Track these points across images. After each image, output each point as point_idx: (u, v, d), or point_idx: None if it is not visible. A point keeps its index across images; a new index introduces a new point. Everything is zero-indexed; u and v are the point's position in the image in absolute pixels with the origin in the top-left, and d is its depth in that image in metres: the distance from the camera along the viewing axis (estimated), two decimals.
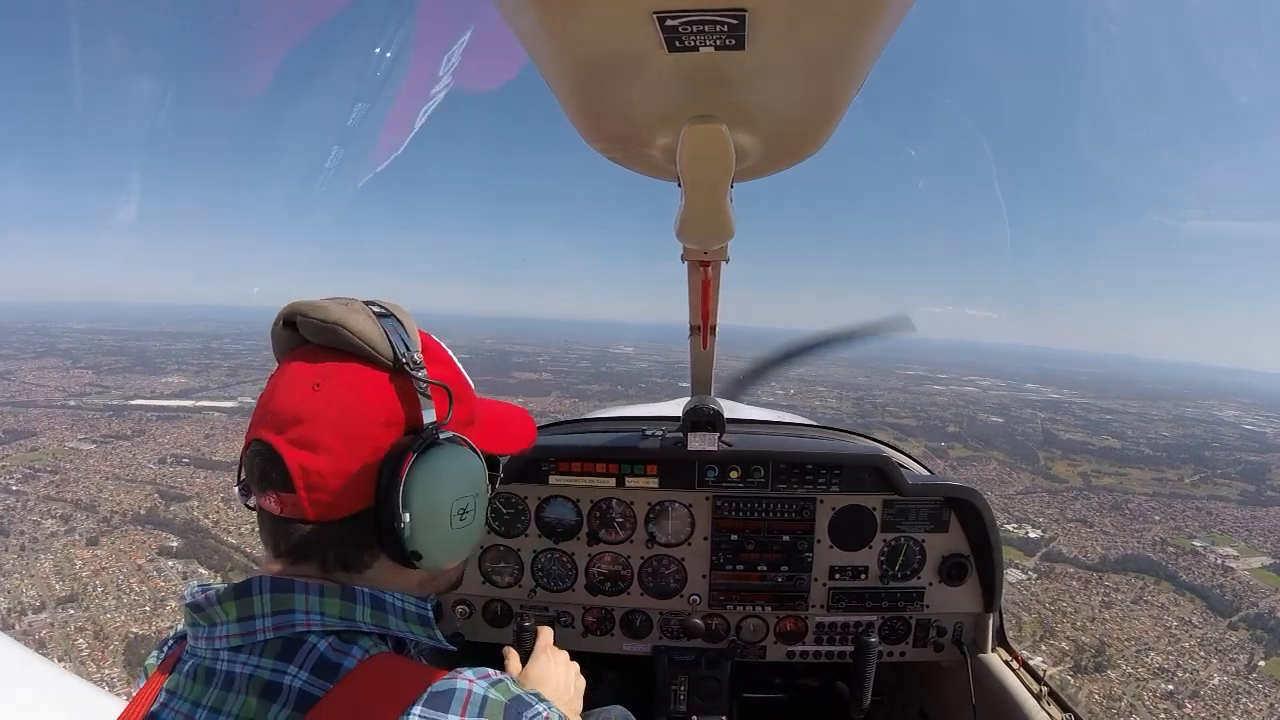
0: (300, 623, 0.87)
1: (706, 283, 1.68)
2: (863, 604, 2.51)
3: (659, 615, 2.62)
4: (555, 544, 2.59)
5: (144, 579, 25.09)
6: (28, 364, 63.33)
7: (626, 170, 1.08)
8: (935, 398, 73.96)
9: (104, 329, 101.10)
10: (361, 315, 0.93)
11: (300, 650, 0.86)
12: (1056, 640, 24.81)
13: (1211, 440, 57.38)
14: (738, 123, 0.84)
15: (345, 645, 0.87)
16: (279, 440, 0.88)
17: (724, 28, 0.59)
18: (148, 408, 49.19)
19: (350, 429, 0.89)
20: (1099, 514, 38.18)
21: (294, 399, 0.89)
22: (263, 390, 0.95)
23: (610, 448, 2.53)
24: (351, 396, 0.90)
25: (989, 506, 2.43)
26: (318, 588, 0.89)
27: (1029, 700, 2.23)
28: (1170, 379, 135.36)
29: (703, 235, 1.28)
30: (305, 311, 0.93)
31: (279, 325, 0.98)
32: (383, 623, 0.93)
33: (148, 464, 36.96)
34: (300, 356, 0.94)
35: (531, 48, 0.72)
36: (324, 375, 0.90)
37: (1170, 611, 27.67)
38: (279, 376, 0.93)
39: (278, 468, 0.87)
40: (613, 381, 70.96)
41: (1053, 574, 30.41)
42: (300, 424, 0.88)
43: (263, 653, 0.86)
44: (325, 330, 0.91)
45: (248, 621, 0.87)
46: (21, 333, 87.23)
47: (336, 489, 0.88)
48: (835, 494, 2.47)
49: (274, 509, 0.90)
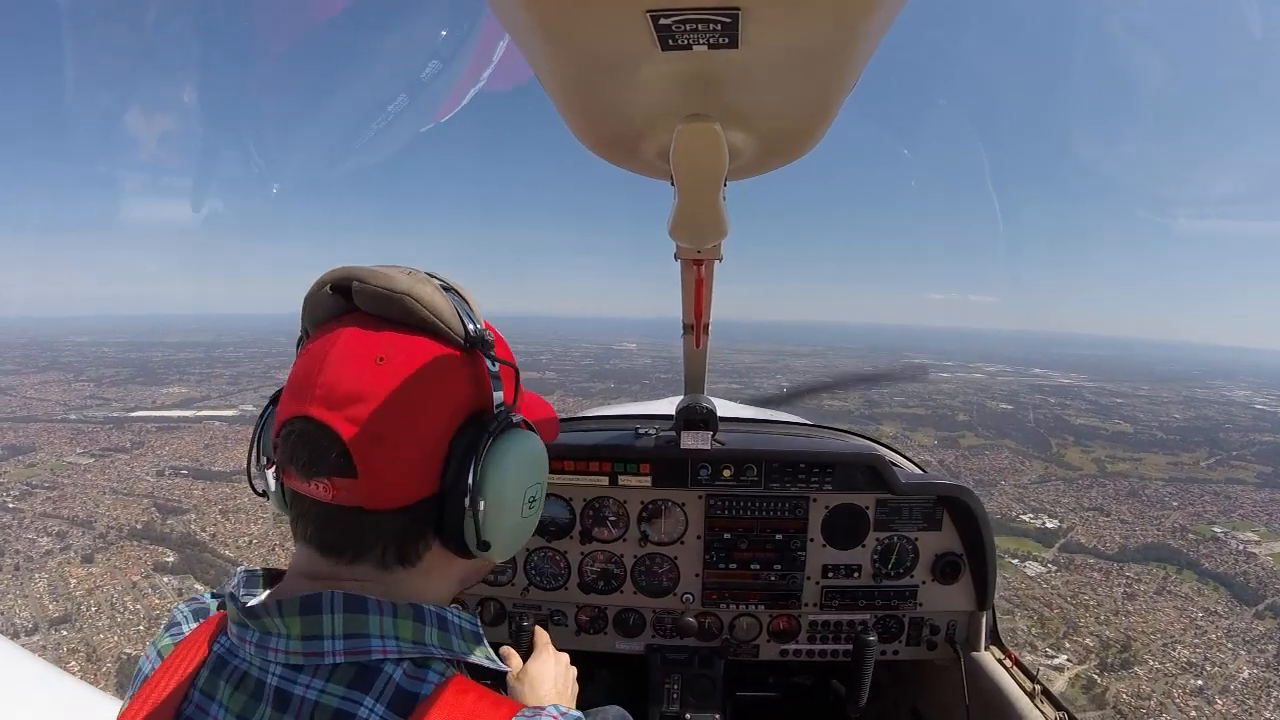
0: (376, 649, 0.78)
1: (700, 281, 1.67)
2: (856, 603, 2.52)
3: (652, 614, 2.61)
4: (548, 542, 2.57)
5: (138, 597, 24.71)
6: (30, 378, 63.65)
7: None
8: (942, 385, 73.48)
9: (108, 341, 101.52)
10: (429, 287, 0.83)
11: (378, 680, 0.77)
12: (1081, 636, 24.15)
13: (1225, 422, 57.35)
14: (731, 121, 0.83)
15: (420, 671, 0.80)
16: (335, 418, 0.77)
17: (717, 26, 0.59)
18: (148, 419, 48.99)
19: (418, 408, 0.80)
20: (1116, 501, 37.60)
21: (353, 373, 0.78)
22: (299, 360, 0.83)
23: (603, 446, 2.53)
24: (420, 373, 0.81)
25: (982, 505, 2.42)
26: (390, 608, 0.81)
27: (1022, 699, 2.24)
28: (1176, 360, 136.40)
29: (696, 234, 1.26)
30: (364, 278, 0.82)
31: (322, 290, 0.85)
32: (447, 644, 0.85)
33: (146, 476, 36.61)
34: (355, 325, 0.82)
35: (524, 47, 0.72)
36: (388, 348, 0.80)
37: (1194, 602, 27.07)
38: (329, 346, 0.81)
39: (336, 449, 0.77)
40: (617, 379, 70.69)
41: (1072, 566, 29.78)
42: (362, 401, 0.77)
43: (330, 677, 0.77)
44: (391, 300, 0.81)
45: (314, 641, 0.77)
46: (24, 347, 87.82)
47: (402, 474, 0.80)
48: (828, 493, 2.47)
49: (323, 496, 0.79)
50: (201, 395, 58.76)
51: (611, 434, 2.66)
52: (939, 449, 46.79)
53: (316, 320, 0.87)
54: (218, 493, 33.51)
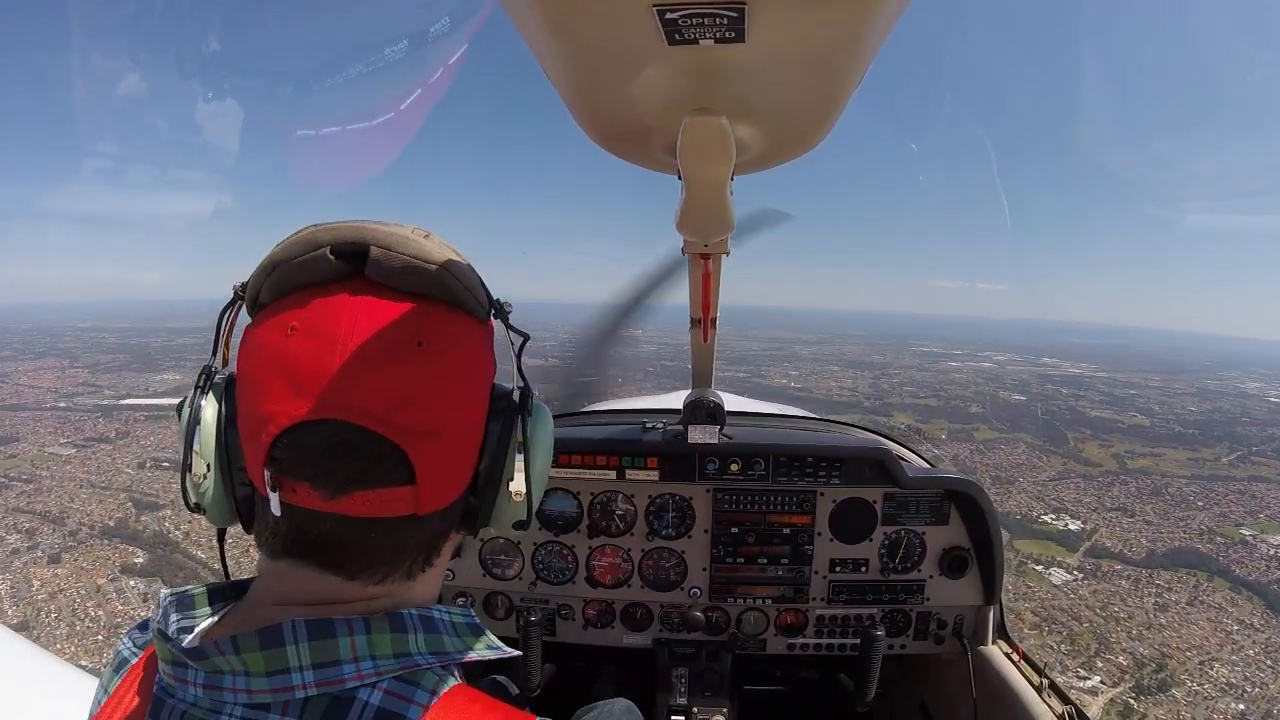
0: (350, 674, 0.67)
1: (707, 275, 1.68)
2: (863, 597, 2.53)
3: (659, 608, 2.62)
4: (556, 536, 2.59)
5: (101, 602, 23.42)
6: (25, 365, 62.81)
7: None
8: (953, 375, 72.72)
9: (109, 326, 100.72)
10: (454, 253, 0.74)
11: (351, 710, 0.66)
12: (1114, 654, 22.53)
13: (1241, 415, 56.86)
14: (738, 115, 0.82)
15: (406, 689, 0.69)
16: (380, 420, 0.65)
17: (724, 20, 0.59)
18: (137, 407, 47.63)
19: (464, 395, 0.73)
20: (1139, 501, 36.12)
21: (391, 363, 0.66)
22: (294, 341, 0.67)
23: (611, 440, 2.56)
24: (460, 356, 0.72)
25: (989, 499, 2.43)
26: (362, 624, 0.69)
27: (1029, 692, 2.21)
28: (1184, 349, 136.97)
29: (703, 228, 1.28)
30: (388, 243, 0.69)
31: (322, 255, 0.69)
32: (439, 647, 0.73)
33: (126, 469, 35.31)
34: (371, 296, 0.69)
35: (531, 41, 0.73)
36: (423, 328, 0.69)
37: (1228, 613, 25.50)
38: (344, 328, 0.66)
39: (389, 457, 0.66)
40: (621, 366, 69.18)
41: (1099, 573, 28.27)
42: (410, 402, 0.66)
43: (301, 714, 0.66)
44: (420, 273, 0.70)
45: (282, 676, 0.66)
46: (24, 333, 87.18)
47: (455, 471, 0.73)
48: (835, 487, 2.48)
49: (362, 511, 0.67)
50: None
51: (619, 428, 2.71)
52: (952, 442, 45.57)
53: (298, 285, 0.70)
54: None
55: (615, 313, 3.36)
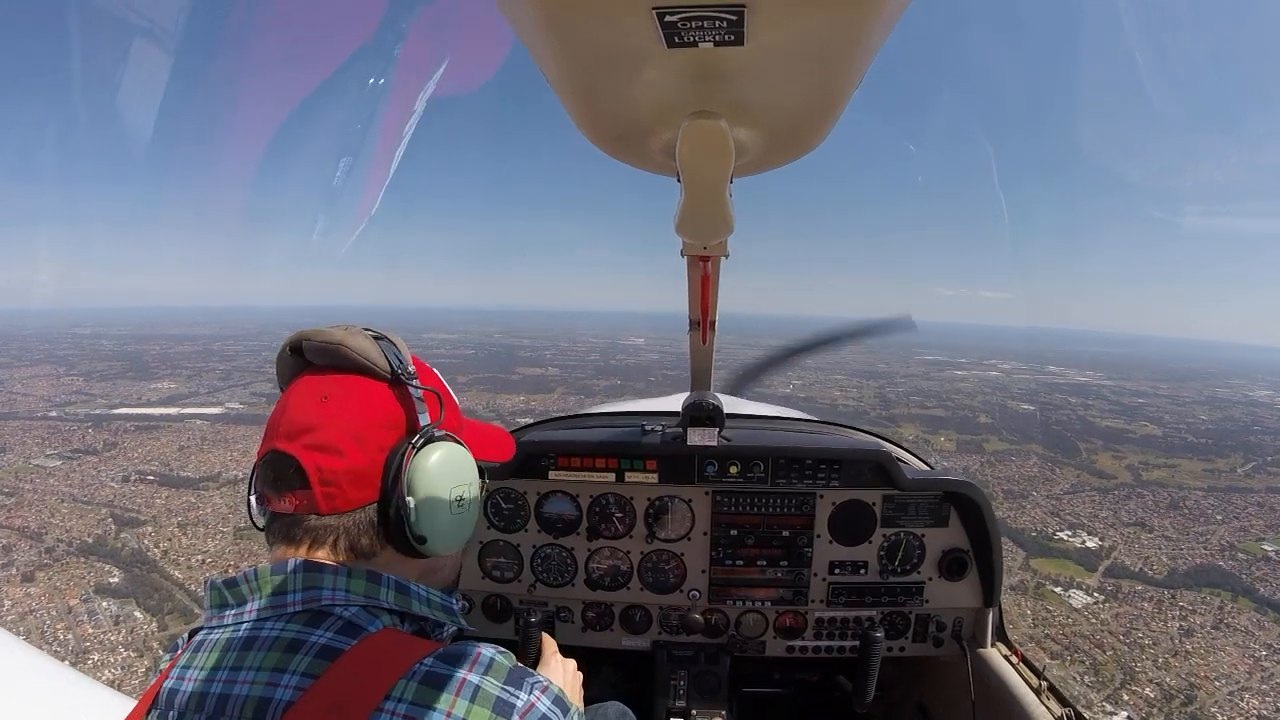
0: (327, 598, 0.94)
1: (706, 278, 1.68)
2: (862, 599, 2.51)
3: (658, 610, 2.61)
4: (555, 539, 2.58)
5: (72, 624, 22.36)
6: (20, 372, 62.23)
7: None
8: (959, 384, 71.50)
9: (108, 333, 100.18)
10: (360, 336, 1.03)
11: (327, 620, 0.93)
12: (1140, 686, 21.27)
13: (1253, 424, 56.20)
14: (737, 118, 0.84)
15: (370, 616, 0.95)
16: (293, 446, 0.97)
17: (723, 23, 0.60)
18: (129, 417, 46.94)
19: (357, 431, 0.99)
20: (1156, 515, 34.90)
21: (304, 411, 0.99)
22: (272, 413, 1.04)
23: (610, 443, 2.53)
24: (356, 404, 1.00)
25: (989, 501, 2.40)
26: (345, 570, 0.97)
27: (1028, 695, 2.20)
28: (1190, 357, 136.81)
29: (702, 230, 1.28)
30: (310, 336, 1.04)
31: (285, 352, 1.07)
32: (405, 605, 1.00)
33: (110, 482, 34.35)
34: (307, 375, 1.05)
35: (531, 44, 0.73)
36: (330, 388, 1.01)
37: (1255, 637, 24.20)
38: (289, 395, 1.03)
39: (293, 469, 0.96)
40: (622, 375, 68.66)
41: (1120, 594, 26.97)
42: (312, 431, 0.97)
43: (290, 619, 0.93)
44: (329, 351, 1.02)
45: (279, 596, 0.94)
46: (23, 340, 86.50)
47: (347, 483, 0.98)
48: (835, 489, 2.46)
49: (288, 508, 0.99)
50: (189, 392, 56.73)
51: (618, 431, 2.66)
52: (962, 454, 44.45)
53: (284, 379, 1.08)
54: (181, 501, 31.25)
55: (815, 339, 3.52)
